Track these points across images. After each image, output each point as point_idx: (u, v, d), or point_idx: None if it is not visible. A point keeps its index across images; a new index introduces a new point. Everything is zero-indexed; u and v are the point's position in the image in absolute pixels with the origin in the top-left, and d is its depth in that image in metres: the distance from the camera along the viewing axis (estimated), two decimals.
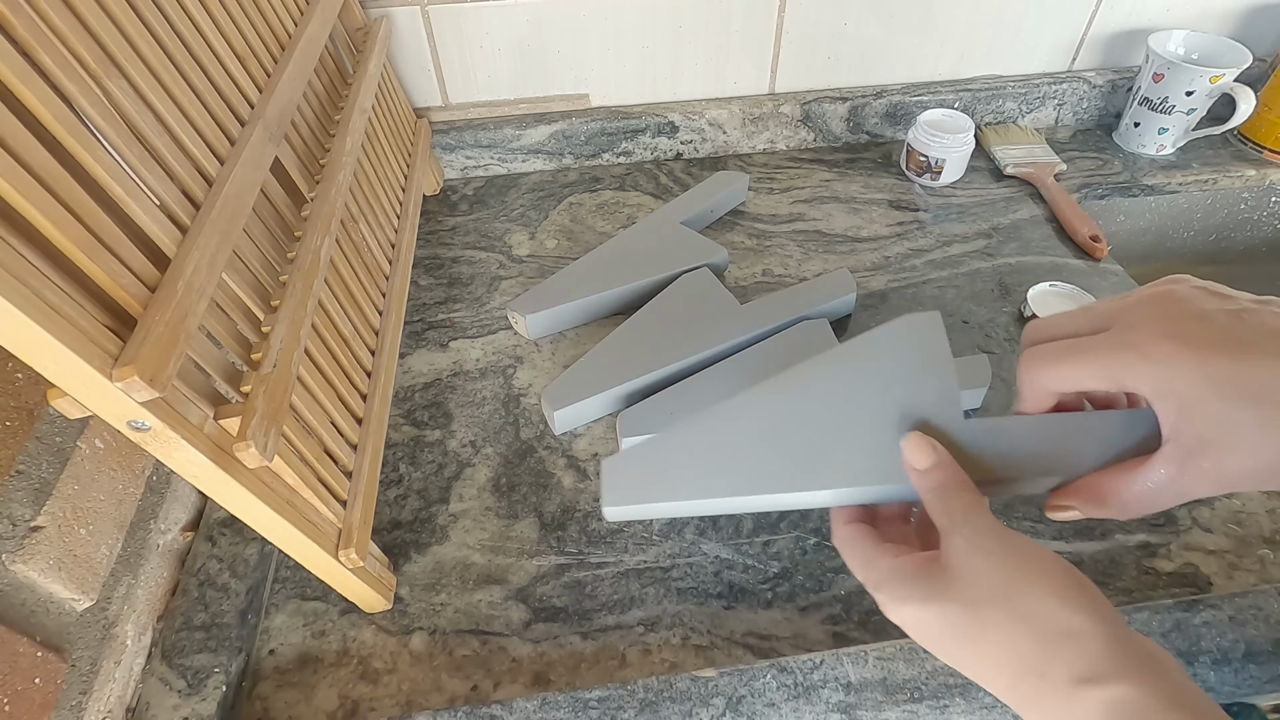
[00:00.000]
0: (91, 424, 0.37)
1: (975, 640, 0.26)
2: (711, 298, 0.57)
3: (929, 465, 0.30)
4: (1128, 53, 0.77)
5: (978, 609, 0.26)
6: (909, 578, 0.28)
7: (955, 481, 0.30)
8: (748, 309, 0.56)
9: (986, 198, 0.71)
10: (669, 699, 0.37)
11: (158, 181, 0.31)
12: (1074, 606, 0.25)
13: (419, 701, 0.40)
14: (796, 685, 0.38)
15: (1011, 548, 0.27)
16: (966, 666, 0.27)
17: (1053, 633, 0.25)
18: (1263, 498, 0.46)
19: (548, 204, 0.72)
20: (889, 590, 0.29)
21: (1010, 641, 0.25)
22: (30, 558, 0.33)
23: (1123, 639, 0.24)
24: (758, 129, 0.76)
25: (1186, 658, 0.38)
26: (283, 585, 0.44)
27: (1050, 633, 0.25)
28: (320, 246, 0.41)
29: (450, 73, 0.71)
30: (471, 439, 0.52)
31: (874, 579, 0.30)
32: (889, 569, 0.29)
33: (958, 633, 0.27)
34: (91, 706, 0.35)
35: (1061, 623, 0.25)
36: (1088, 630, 0.24)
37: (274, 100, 0.42)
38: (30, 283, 0.24)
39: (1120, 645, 0.24)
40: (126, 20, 0.32)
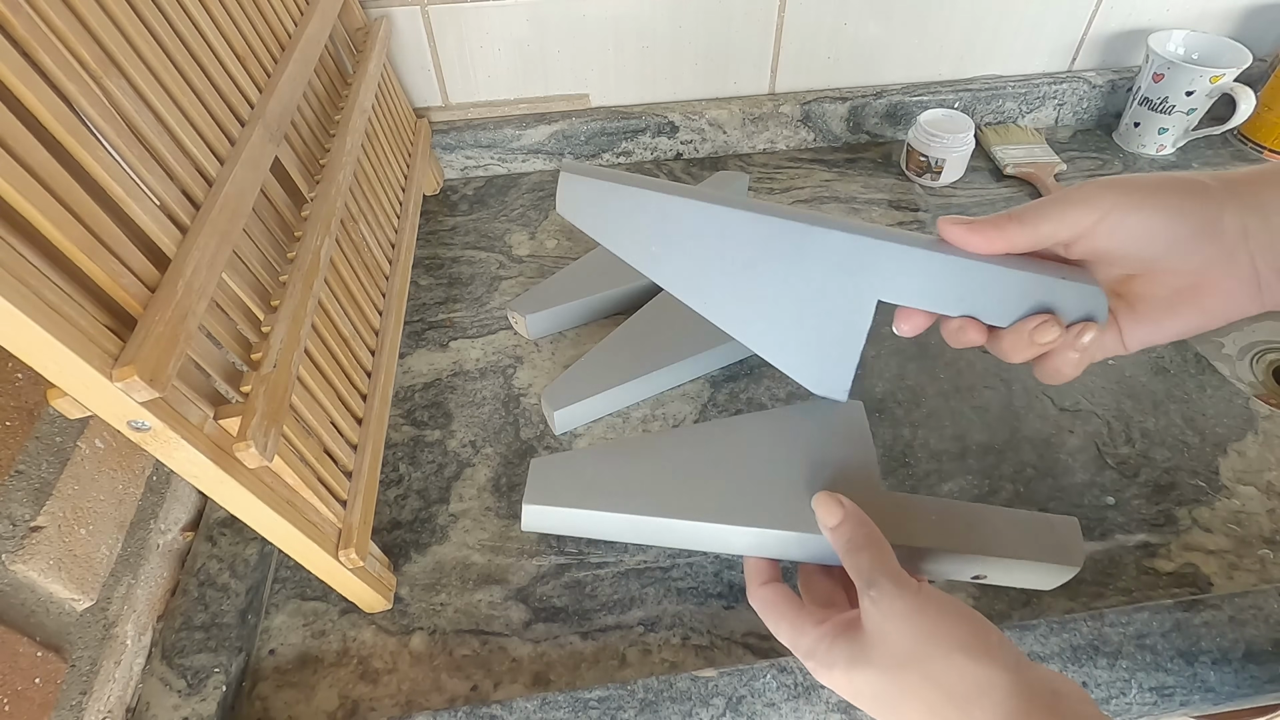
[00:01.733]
0: (91, 424, 0.37)
1: (898, 704, 0.28)
2: None
3: (837, 521, 0.33)
4: (1128, 53, 0.77)
5: (894, 674, 0.28)
6: (834, 644, 0.30)
7: (863, 536, 0.32)
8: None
9: (987, 198, 0.71)
10: (669, 699, 0.37)
11: (158, 181, 0.31)
12: (981, 661, 0.27)
13: (419, 701, 0.40)
14: (796, 685, 0.38)
15: (919, 608, 0.28)
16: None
17: (964, 691, 0.26)
18: (1262, 497, 0.46)
19: (548, 204, 0.72)
20: (818, 659, 0.31)
21: (928, 703, 0.27)
22: (30, 558, 0.33)
23: (1026, 683, 0.26)
24: (758, 129, 0.76)
25: (1186, 658, 0.38)
26: (283, 585, 0.44)
27: (962, 691, 0.27)
28: (320, 246, 0.41)
29: (450, 73, 0.71)
30: (471, 439, 0.52)
31: (803, 647, 0.32)
32: (816, 638, 0.31)
33: (881, 698, 0.28)
34: (91, 706, 0.35)
35: (971, 680, 0.26)
36: (995, 682, 0.26)
37: (274, 100, 0.42)
38: (30, 283, 0.24)
39: (1024, 690, 0.26)
40: (126, 20, 0.32)
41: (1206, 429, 0.50)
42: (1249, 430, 0.50)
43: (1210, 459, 0.49)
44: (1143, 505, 0.46)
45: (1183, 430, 0.50)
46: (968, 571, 0.37)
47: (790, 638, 0.32)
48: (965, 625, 0.28)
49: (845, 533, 0.32)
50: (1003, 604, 0.42)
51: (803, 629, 0.32)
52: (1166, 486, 0.47)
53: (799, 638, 0.32)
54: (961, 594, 0.42)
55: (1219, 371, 0.54)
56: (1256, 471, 0.48)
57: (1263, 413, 0.51)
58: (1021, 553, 0.36)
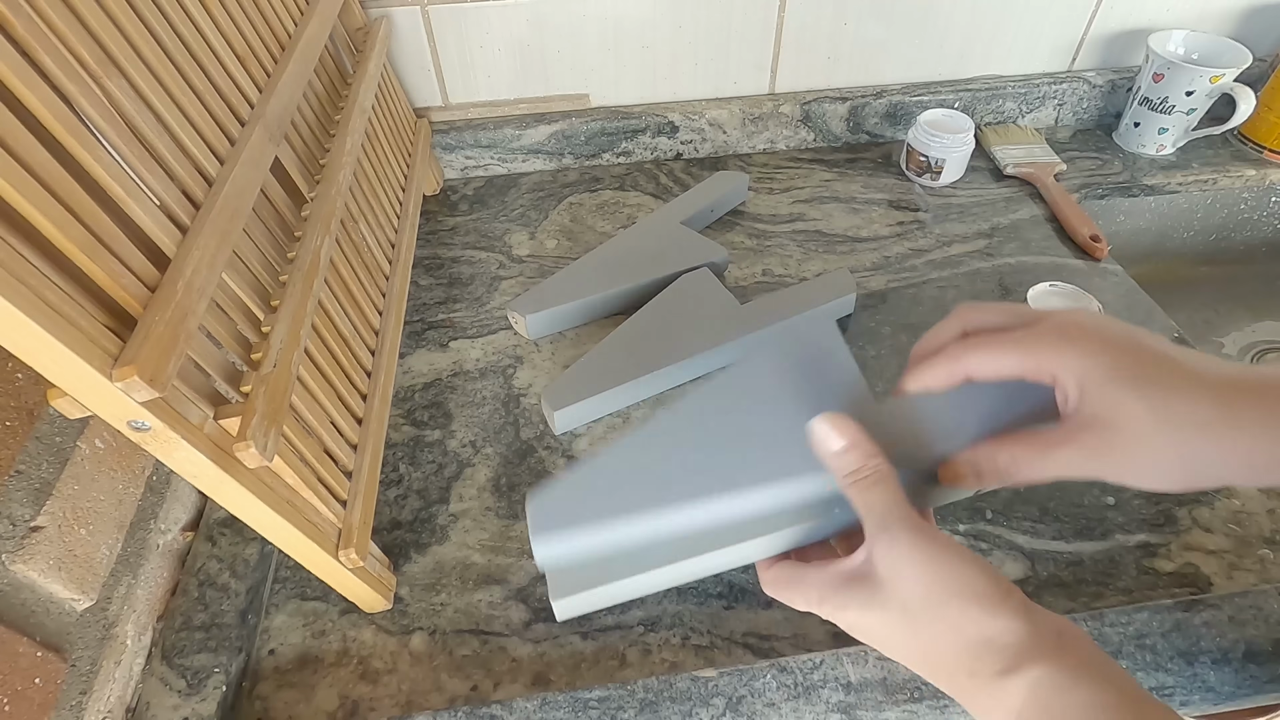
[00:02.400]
0: (91, 424, 0.37)
1: (911, 643, 0.29)
2: (711, 297, 0.57)
3: (842, 446, 0.31)
4: (1128, 53, 0.77)
5: (909, 616, 0.29)
6: (844, 586, 0.30)
7: (872, 469, 0.31)
8: (748, 309, 0.56)
9: (986, 198, 0.71)
10: (669, 699, 0.37)
11: (158, 181, 0.31)
12: (993, 611, 0.28)
13: (419, 701, 0.40)
14: (796, 685, 0.38)
15: (934, 557, 0.28)
16: (908, 663, 0.30)
17: (977, 637, 0.28)
18: (1262, 497, 0.46)
19: (548, 204, 0.72)
20: (831, 602, 0.31)
21: (941, 646, 0.28)
22: (30, 558, 0.33)
23: (1034, 629, 0.27)
24: (758, 129, 0.76)
25: (1186, 658, 0.38)
26: (283, 585, 0.44)
27: (974, 637, 0.28)
28: (320, 246, 0.41)
29: (450, 73, 0.71)
30: (471, 439, 0.52)
31: (814, 598, 0.31)
32: (823, 583, 0.31)
33: (896, 636, 0.29)
34: (91, 706, 0.35)
35: (983, 628, 0.27)
36: (1005, 629, 0.27)
37: (274, 100, 0.42)
38: (30, 283, 0.24)
39: (1032, 635, 0.27)
40: (126, 20, 0.32)
41: None
42: None
43: None
44: (1143, 505, 0.46)
45: None
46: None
47: (803, 594, 0.32)
48: (979, 575, 0.28)
49: (852, 461, 0.31)
50: None
51: (811, 581, 0.32)
52: None
53: (810, 590, 0.32)
54: None
55: None
56: None
57: None
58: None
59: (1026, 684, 0.26)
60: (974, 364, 0.32)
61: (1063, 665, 0.26)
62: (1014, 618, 0.27)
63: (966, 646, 0.28)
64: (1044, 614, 0.28)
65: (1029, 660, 0.27)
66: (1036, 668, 0.27)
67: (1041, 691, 0.26)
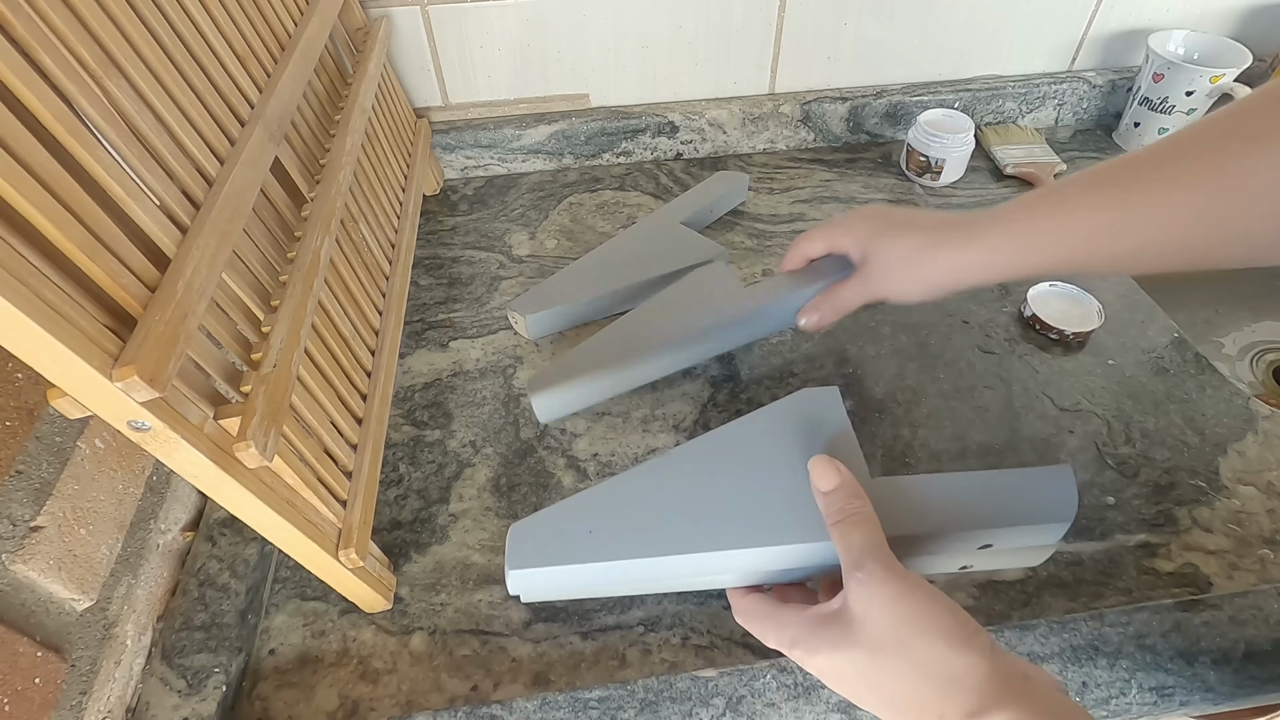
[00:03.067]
0: (91, 424, 0.37)
1: (880, 684, 0.30)
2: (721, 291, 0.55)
3: (833, 486, 0.33)
4: (1128, 53, 0.77)
5: (878, 656, 0.29)
6: (818, 629, 0.31)
7: (855, 511, 0.32)
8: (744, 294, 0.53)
9: (986, 198, 0.71)
10: (669, 699, 0.37)
11: (158, 181, 0.31)
12: (959, 649, 0.28)
13: (419, 701, 0.40)
14: (796, 685, 0.38)
15: (904, 594, 0.29)
16: (876, 707, 0.30)
17: (944, 678, 0.28)
18: (1262, 497, 0.46)
19: (548, 204, 0.72)
20: (803, 645, 0.32)
21: (909, 686, 0.29)
22: (30, 558, 0.33)
23: (1000, 670, 0.28)
24: (758, 129, 0.76)
25: (1186, 658, 0.38)
26: (283, 585, 0.44)
27: (942, 678, 0.28)
28: (320, 246, 0.41)
29: (450, 73, 0.71)
30: (471, 439, 0.52)
31: (787, 638, 0.32)
32: (798, 623, 0.32)
33: (865, 677, 0.30)
34: (91, 706, 0.35)
35: (950, 668, 0.28)
36: (971, 669, 0.28)
37: (274, 100, 0.42)
38: (30, 283, 0.24)
39: (998, 677, 0.28)
40: (126, 20, 0.32)
41: (1206, 429, 0.50)
42: (1249, 430, 0.50)
43: (1210, 459, 0.49)
44: (1143, 505, 0.46)
45: (1183, 430, 0.50)
46: (973, 544, 0.36)
47: (775, 633, 0.33)
48: (947, 614, 0.29)
49: (838, 501, 0.33)
50: (1003, 604, 0.42)
51: (786, 621, 0.33)
52: (1166, 486, 0.47)
53: (784, 630, 0.33)
54: (961, 594, 0.42)
55: (1219, 371, 0.54)
56: (1256, 471, 0.48)
57: (1263, 413, 0.51)
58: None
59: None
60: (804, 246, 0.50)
61: (1029, 711, 0.27)
62: (980, 657, 0.28)
63: (934, 686, 0.28)
64: (1012, 658, 0.29)
65: (997, 704, 0.27)
66: (1004, 712, 0.27)
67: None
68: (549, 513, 0.39)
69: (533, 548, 0.38)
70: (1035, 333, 0.57)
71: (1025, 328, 0.58)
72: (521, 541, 0.38)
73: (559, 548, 0.37)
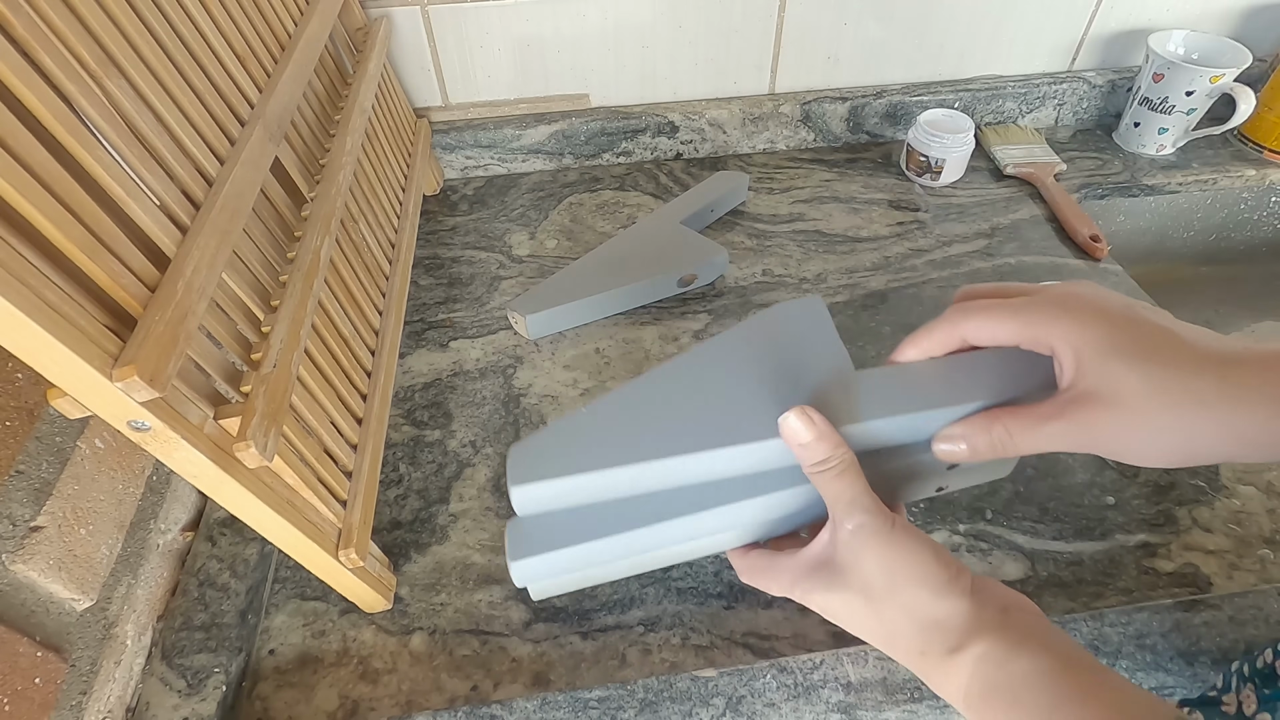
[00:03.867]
0: (91, 424, 0.37)
1: (872, 623, 0.31)
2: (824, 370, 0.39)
3: (808, 438, 0.32)
4: (1128, 53, 0.77)
5: (869, 598, 0.31)
6: (811, 571, 0.33)
7: (837, 460, 0.32)
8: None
9: (986, 198, 0.71)
10: (669, 699, 0.37)
11: (158, 181, 0.31)
12: (941, 594, 0.30)
13: (419, 701, 0.40)
14: (796, 685, 0.38)
15: (889, 542, 0.30)
16: (868, 639, 0.32)
17: (927, 621, 0.30)
18: (1262, 497, 0.46)
19: (548, 204, 0.72)
20: (801, 586, 0.33)
21: (897, 627, 0.31)
22: (30, 558, 0.33)
23: (979, 608, 0.29)
24: (758, 129, 0.76)
25: (1186, 658, 0.38)
26: (283, 585, 0.44)
27: (925, 621, 0.30)
28: (320, 246, 0.41)
29: (450, 73, 0.71)
30: (471, 439, 0.52)
31: (786, 582, 0.34)
32: (793, 568, 0.34)
33: (857, 616, 0.32)
34: (91, 706, 0.35)
35: (932, 612, 0.30)
36: (953, 612, 0.30)
37: (274, 100, 0.42)
38: (30, 283, 0.24)
39: (977, 614, 0.29)
40: (126, 20, 0.32)
41: None
42: None
43: None
44: (1143, 505, 0.46)
45: None
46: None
47: (776, 581, 0.34)
48: (930, 559, 0.30)
49: (817, 452, 0.32)
50: None
51: (783, 568, 0.34)
52: (1166, 486, 0.47)
53: (780, 576, 0.34)
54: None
55: None
56: (1256, 471, 0.48)
57: None
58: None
59: (971, 660, 0.29)
60: (971, 328, 0.32)
61: (1003, 639, 0.28)
62: (961, 599, 0.30)
63: (919, 628, 0.30)
64: (991, 592, 0.30)
65: (973, 637, 0.29)
66: (979, 644, 0.29)
67: (984, 666, 0.28)
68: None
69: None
70: None
71: None
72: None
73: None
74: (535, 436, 0.38)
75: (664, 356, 0.57)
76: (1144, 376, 0.28)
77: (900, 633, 0.31)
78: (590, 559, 0.38)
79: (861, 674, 0.38)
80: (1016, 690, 0.27)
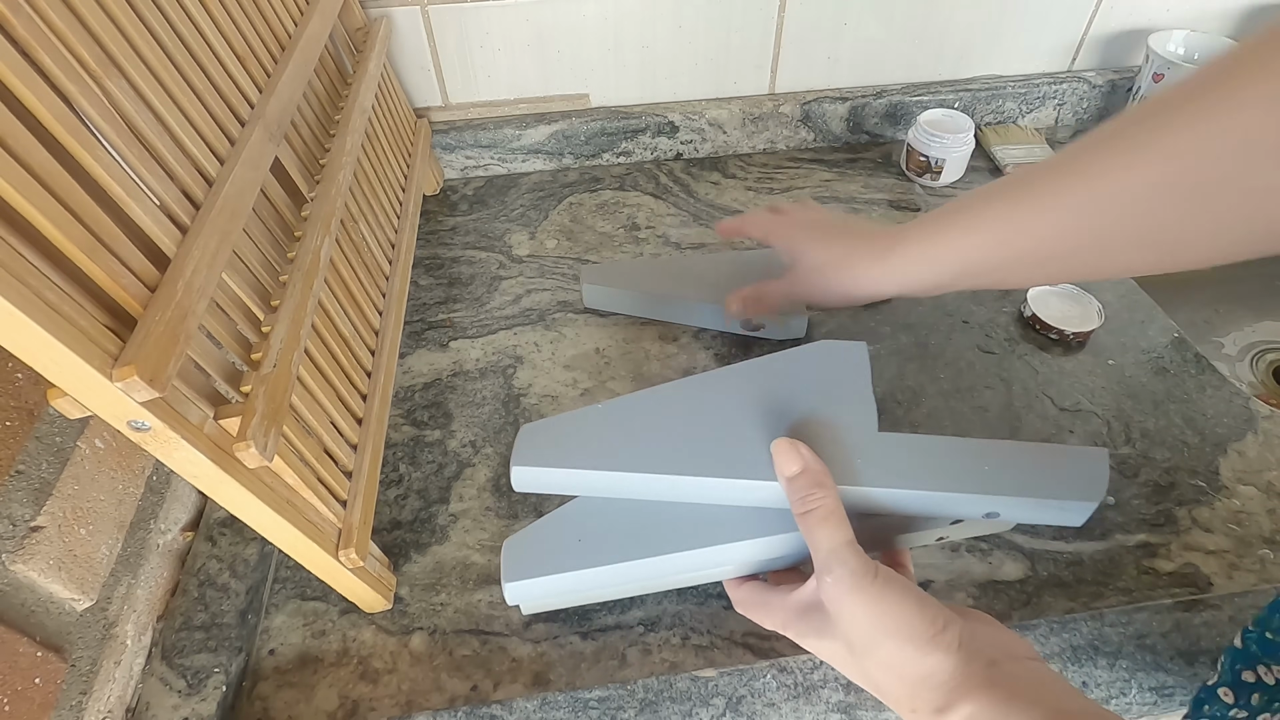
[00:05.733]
0: (91, 424, 0.37)
1: (861, 674, 0.32)
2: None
3: (795, 470, 0.33)
4: (1128, 53, 0.77)
5: (854, 651, 0.31)
6: (802, 615, 0.33)
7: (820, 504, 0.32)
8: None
9: None
10: (669, 699, 0.37)
11: (158, 181, 0.31)
12: (926, 650, 0.29)
13: (419, 701, 0.40)
14: (796, 685, 0.38)
15: (872, 599, 0.30)
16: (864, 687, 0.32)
17: (913, 678, 0.30)
18: (1262, 497, 0.46)
19: (548, 204, 0.72)
20: (793, 629, 0.34)
21: (883, 682, 0.31)
22: (30, 558, 0.33)
23: (966, 664, 0.29)
24: (758, 129, 0.76)
25: (1186, 658, 0.38)
26: (283, 585, 0.44)
27: (911, 678, 0.30)
28: (320, 246, 0.41)
29: (450, 73, 0.71)
30: (471, 439, 0.52)
31: (778, 621, 0.35)
32: (786, 610, 0.34)
33: (848, 666, 0.32)
34: (91, 706, 0.35)
35: (918, 669, 0.29)
36: (938, 668, 0.29)
37: (274, 100, 0.42)
38: (30, 283, 0.24)
39: (963, 671, 0.29)
40: (126, 20, 0.32)
41: (1206, 429, 0.50)
42: (1249, 430, 0.50)
43: (1210, 459, 0.49)
44: (1143, 505, 0.46)
45: (1183, 430, 0.50)
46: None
47: (768, 619, 0.35)
48: (915, 613, 0.30)
49: (800, 489, 0.33)
50: (1003, 604, 0.42)
51: (777, 607, 0.35)
52: (1166, 486, 0.47)
53: (773, 615, 0.35)
54: (961, 594, 0.42)
55: (1219, 371, 0.54)
56: (1256, 471, 0.48)
57: (1263, 413, 0.51)
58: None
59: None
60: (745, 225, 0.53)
61: (991, 698, 0.28)
62: (947, 654, 0.29)
63: (904, 685, 0.30)
64: (980, 642, 0.30)
65: (960, 697, 0.28)
66: (967, 704, 0.28)
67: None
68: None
69: (528, 560, 0.38)
70: (1035, 333, 0.57)
71: (1025, 328, 0.58)
72: (516, 554, 0.38)
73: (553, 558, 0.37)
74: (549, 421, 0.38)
75: (664, 357, 0.57)
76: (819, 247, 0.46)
77: (887, 688, 0.31)
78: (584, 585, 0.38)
79: None
80: None
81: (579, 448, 0.38)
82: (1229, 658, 0.34)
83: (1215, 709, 0.33)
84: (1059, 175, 0.33)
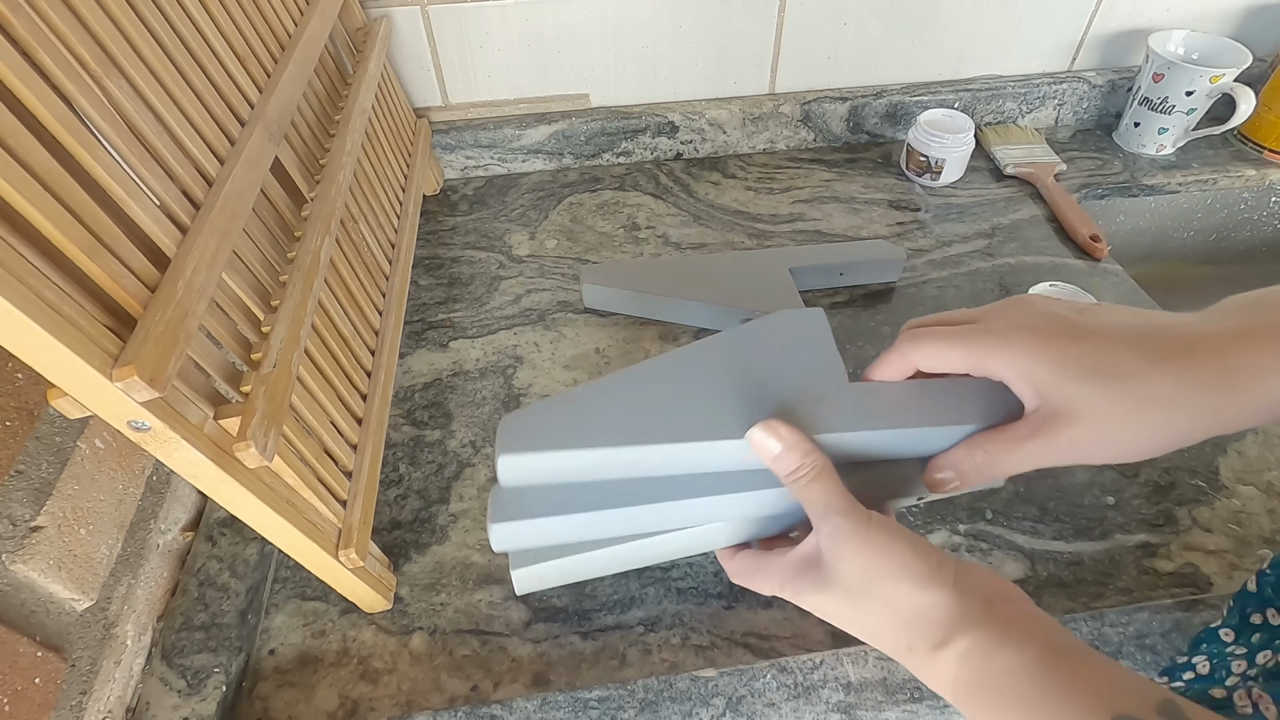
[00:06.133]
0: (91, 424, 0.37)
1: (859, 621, 0.32)
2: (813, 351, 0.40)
3: (777, 451, 0.33)
4: (1128, 53, 0.77)
5: (852, 596, 0.31)
6: (800, 572, 0.33)
7: (809, 466, 0.32)
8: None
9: (986, 198, 0.71)
10: (669, 699, 0.37)
11: (158, 181, 0.31)
12: (923, 587, 0.30)
13: (419, 701, 0.40)
14: (796, 685, 0.38)
15: (869, 541, 0.31)
16: (858, 635, 0.32)
17: (910, 615, 0.30)
18: (1263, 497, 0.46)
19: (548, 204, 0.72)
20: (791, 587, 0.34)
21: (882, 623, 0.31)
22: (30, 558, 0.33)
23: (962, 600, 0.29)
24: (758, 129, 0.76)
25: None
26: (283, 585, 0.44)
27: (907, 615, 0.30)
28: (320, 246, 0.41)
29: (450, 73, 0.71)
30: (471, 439, 0.52)
31: (775, 583, 0.34)
32: (782, 569, 0.34)
33: (845, 615, 0.32)
34: (91, 706, 0.35)
35: (915, 605, 0.30)
36: (935, 603, 0.29)
37: (274, 100, 0.42)
38: (30, 283, 0.24)
39: (960, 607, 0.29)
40: (126, 20, 0.32)
41: None
42: (1249, 430, 0.50)
43: (1210, 459, 0.49)
44: (1143, 505, 0.46)
45: None
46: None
47: (766, 581, 0.35)
48: (910, 552, 0.30)
49: (788, 462, 0.33)
50: None
51: (772, 569, 0.35)
52: (1166, 486, 0.47)
53: (769, 578, 0.35)
54: None
55: None
56: (1256, 471, 0.48)
57: None
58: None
59: (957, 655, 0.29)
60: (920, 356, 0.34)
61: (987, 633, 0.28)
62: (943, 591, 0.29)
63: (902, 622, 0.30)
64: (975, 583, 0.30)
65: (957, 632, 0.29)
66: (964, 639, 0.29)
67: (970, 660, 0.28)
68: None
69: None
70: None
71: None
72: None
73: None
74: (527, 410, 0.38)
75: None
76: (1103, 392, 0.29)
77: (885, 629, 0.31)
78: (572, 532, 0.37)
79: (861, 674, 0.38)
80: (1002, 685, 0.28)
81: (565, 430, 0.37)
82: (1239, 601, 0.34)
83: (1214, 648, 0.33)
84: None
